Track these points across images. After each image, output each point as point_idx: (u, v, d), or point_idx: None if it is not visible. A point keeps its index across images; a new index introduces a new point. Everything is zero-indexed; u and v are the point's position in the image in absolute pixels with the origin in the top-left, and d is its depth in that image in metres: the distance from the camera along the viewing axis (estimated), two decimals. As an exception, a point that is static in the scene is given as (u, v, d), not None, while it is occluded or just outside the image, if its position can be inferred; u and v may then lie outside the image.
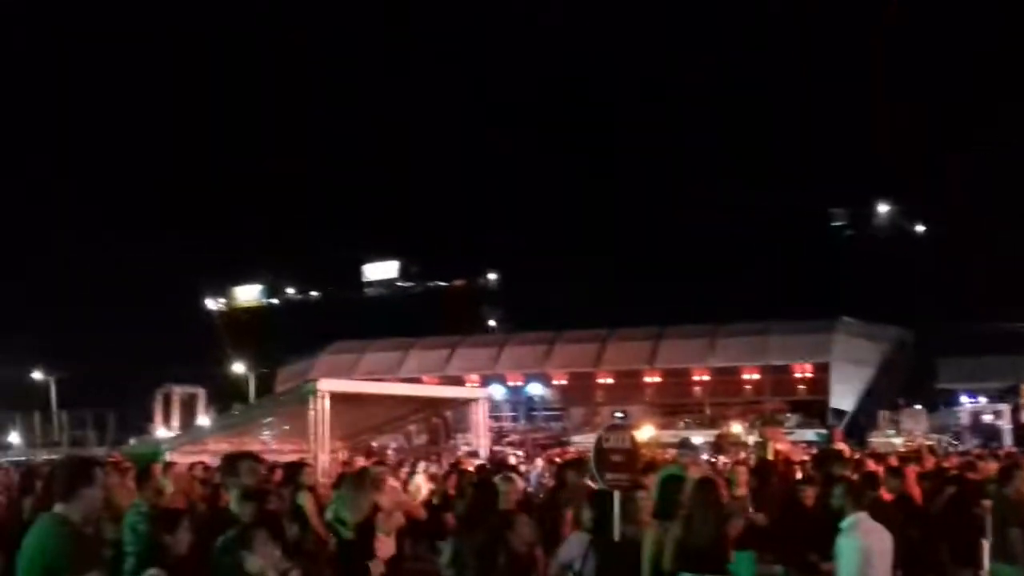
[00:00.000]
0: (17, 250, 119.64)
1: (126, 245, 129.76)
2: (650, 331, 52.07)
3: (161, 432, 52.18)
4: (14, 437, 64.28)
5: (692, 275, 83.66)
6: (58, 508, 4.71)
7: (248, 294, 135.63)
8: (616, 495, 6.14)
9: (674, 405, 49.68)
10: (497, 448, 27.37)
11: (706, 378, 50.53)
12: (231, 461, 7.18)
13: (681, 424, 45.79)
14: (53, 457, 33.67)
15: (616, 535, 6.10)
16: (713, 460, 16.52)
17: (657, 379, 51.31)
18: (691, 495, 6.87)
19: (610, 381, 52.33)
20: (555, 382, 53.76)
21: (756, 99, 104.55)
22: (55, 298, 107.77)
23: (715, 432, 40.35)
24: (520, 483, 11.58)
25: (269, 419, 23.65)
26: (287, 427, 23.09)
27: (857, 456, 16.37)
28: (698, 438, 37.12)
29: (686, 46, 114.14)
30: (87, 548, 4.58)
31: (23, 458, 36.82)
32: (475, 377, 50.34)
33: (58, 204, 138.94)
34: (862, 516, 7.33)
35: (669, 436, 40.82)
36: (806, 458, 16.62)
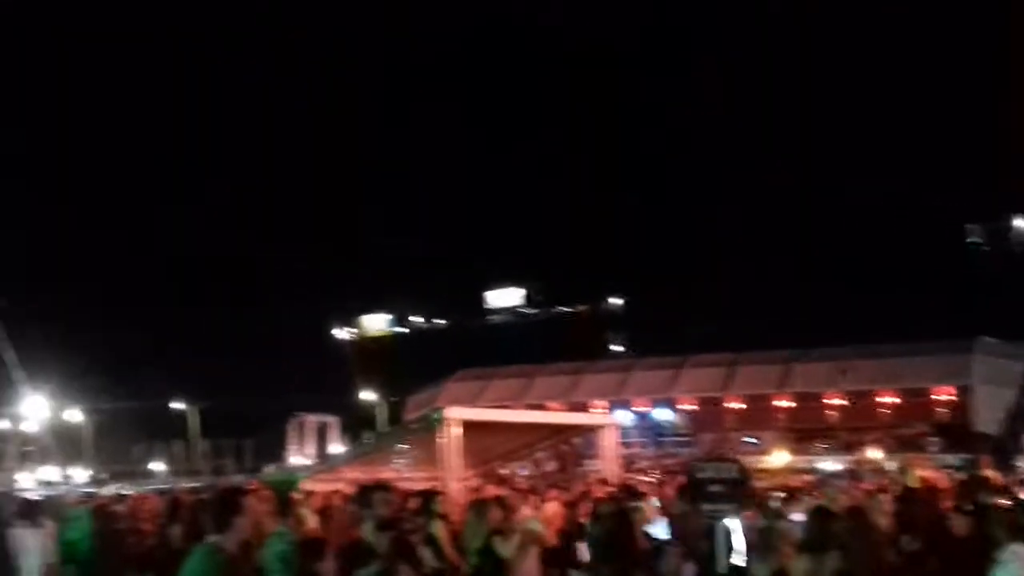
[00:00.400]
0: (161, 288, 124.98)
1: (260, 279, 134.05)
2: (781, 354, 50.81)
3: (296, 459, 53.41)
4: (158, 465, 66.78)
5: (824, 297, 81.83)
6: (212, 538, 4.84)
7: (376, 323, 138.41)
8: (719, 525, 5.96)
9: (807, 430, 48.28)
10: (627, 475, 27.02)
11: (840, 402, 48.98)
12: (366, 492, 7.27)
13: (815, 450, 44.55)
14: (196, 485, 34.78)
15: (723, 566, 5.92)
16: (852, 488, 15.94)
17: (789, 403, 49.97)
18: (845, 526, 6.60)
19: (740, 406, 51.21)
20: (683, 407, 52.92)
21: (882, 115, 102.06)
22: (195, 332, 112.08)
23: (851, 458, 39.24)
24: (652, 511, 11.44)
25: (401, 447, 23.92)
26: (418, 455, 23.32)
27: (1005, 483, 15.65)
28: (834, 465, 36.22)
29: (822, 64, 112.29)
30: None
31: (167, 486, 38.08)
32: (601, 403, 49.95)
33: (197, 238, 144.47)
34: (1019, 548, 6.97)
35: (803, 463, 39.85)
36: (951, 485, 15.93)
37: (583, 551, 11.32)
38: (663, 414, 53.10)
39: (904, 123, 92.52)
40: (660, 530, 10.80)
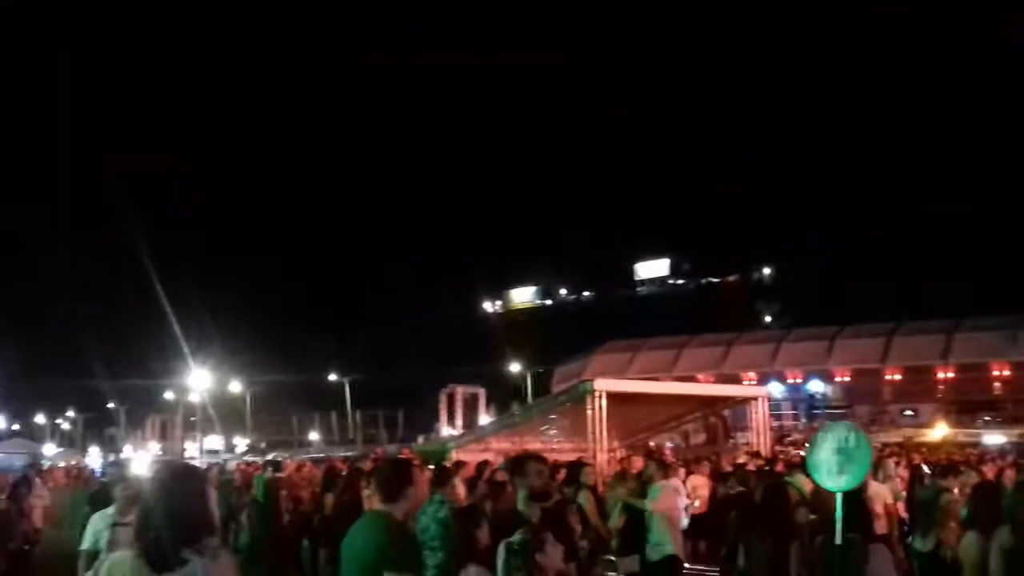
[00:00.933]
0: (315, 266, 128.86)
1: (409, 254, 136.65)
2: (943, 323, 48.70)
3: (446, 430, 54.29)
4: (314, 435, 69.00)
5: (989, 263, 78.06)
6: (382, 507, 4.89)
7: (523, 296, 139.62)
8: (839, 497, 5.64)
9: (970, 402, 46.23)
10: (779, 448, 26.39)
11: (1006, 373, 46.66)
12: (520, 462, 7.21)
13: (979, 423, 42.60)
14: (350, 454, 35.68)
15: (839, 538, 5.61)
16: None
17: (951, 375, 47.90)
18: (1016, 501, 6.16)
19: (898, 377, 49.41)
20: (838, 379, 51.43)
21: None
22: (349, 307, 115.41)
23: (1018, 431, 37.31)
24: (807, 484, 11.04)
25: (549, 418, 23.93)
26: (565, 426, 23.30)
27: None
28: (998, 438, 34.47)
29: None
30: (414, 545, 4.74)
31: (323, 455, 39.26)
32: (752, 375, 49.03)
33: (353, 218, 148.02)
34: None
35: (965, 436, 38.11)
36: None
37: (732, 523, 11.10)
38: (816, 386, 51.83)
39: None
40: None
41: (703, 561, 13.42)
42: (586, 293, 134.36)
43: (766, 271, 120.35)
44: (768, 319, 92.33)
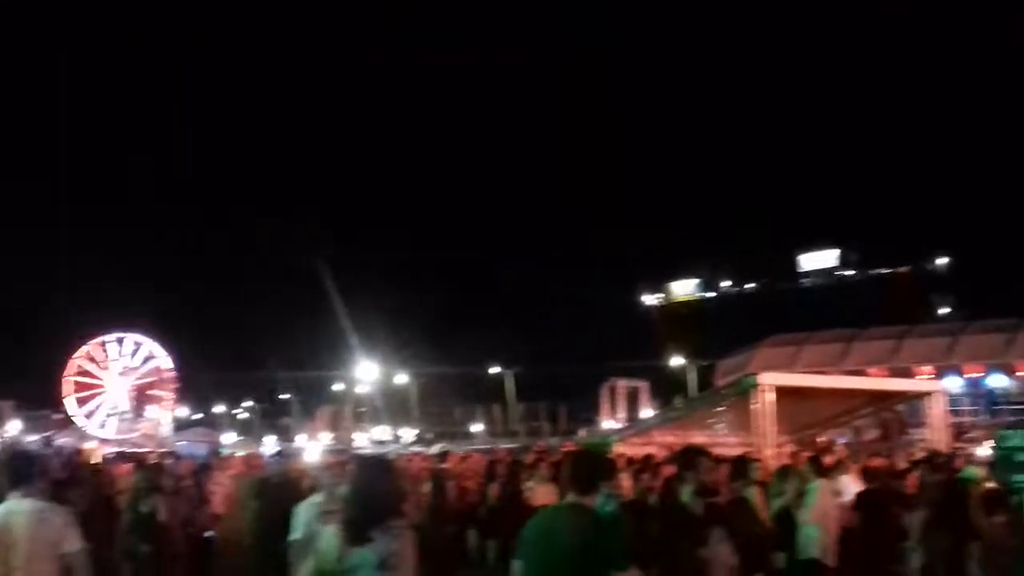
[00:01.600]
0: (478, 261, 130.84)
1: (570, 248, 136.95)
2: None
3: (607, 423, 54.23)
4: (477, 427, 70.05)
5: None
6: (573, 498, 4.88)
7: (685, 289, 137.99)
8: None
9: None
10: (958, 445, 25.20)
11: None
12: (691, 456, 7.09)
13: None
14: (512, 446, 36.01)
15: None
16: None
17: None
18: None
19: (1088, 372, 46.52)
20: (1020, 373, 48.79)
21: None
22: (512, 299, 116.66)
23: None
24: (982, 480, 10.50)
25: (713, 411, 23.56)
26: (730, 420, 22.88)
27: None
28: None
29: None
30: (617, 537, 4.74)
31: (487, 446, 39.78)
32: (927, 369, 47.03)
33: (509, 210, 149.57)
34: None
35: None
36: None
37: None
38: (997, 380, 49.32)
39: None
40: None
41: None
42: (749, 285, 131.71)
43: (940, 261, 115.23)
44: (943, 311, 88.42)
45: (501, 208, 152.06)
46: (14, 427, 51.42)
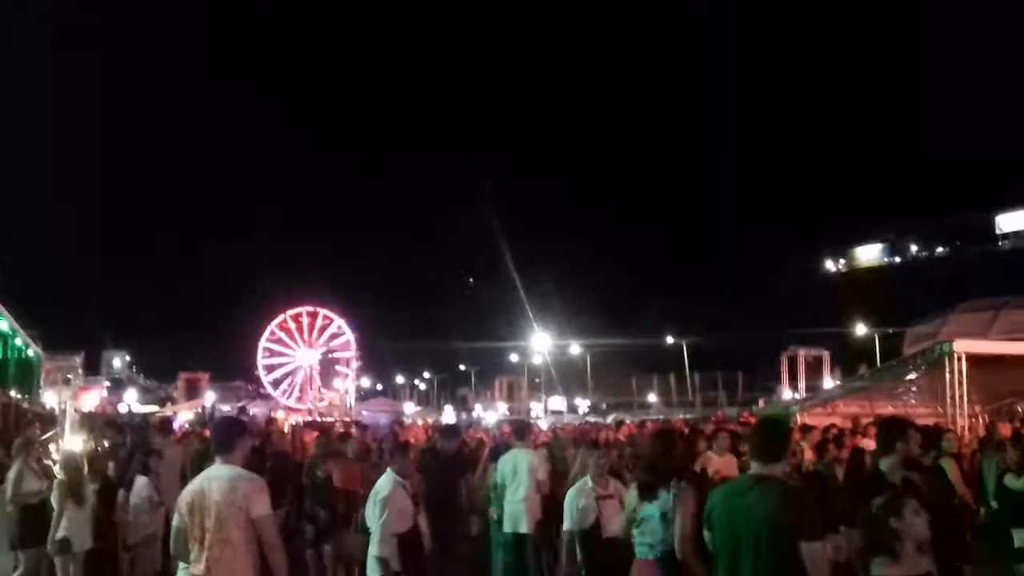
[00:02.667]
0: (658, 233, 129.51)
1: (749, 215, 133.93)
2: None
3: (787, 393, 52.92)
4: (652, 397, 69.63)
5: None
6: (766, 469, 4.83)
7: (869, 254, 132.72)
8: None
9: None
10: None
11: None
12: (900, 426, 6.73)
13: None
14: (688, 416, 35.59)
15: None
16: None
17: None
18: None
19: None
20: None
21: None
22: (686, 269, 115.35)
23: None
24: None
25: (901, 381, 22.63)
26: (919, 390, 21.94)
27: None
28: None
29: None
30: (810, 509, 4.60)
31: (662, 416, 39.51)
32: None
33: (689, 184, 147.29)
34: None
35: None
36: None
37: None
38: None
39: None
40: None
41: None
42: (940, 249, 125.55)
43: None
44: None
45: (679, 177, 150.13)
46: (209, 397, 54.26)
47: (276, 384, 66.24)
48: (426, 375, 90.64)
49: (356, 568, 9.41)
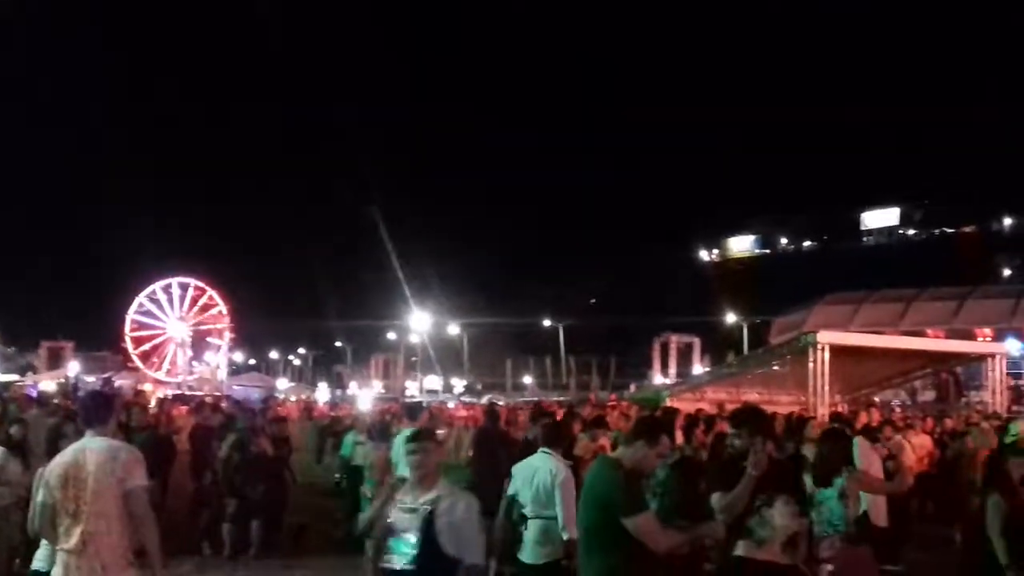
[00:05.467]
0: (537, 216, 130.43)
1: (626, 202, 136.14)
2: None
3: (658, 378, 54.08)
4: (527, 379, 70.26)
5: None
6: (617, 452, 5.09)
7: (741, 245, 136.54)
8: None
9: None
10: (1017, 408, 24.77)
11: None
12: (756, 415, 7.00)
13: None
14: (561, 399, 36.01)
15: None
16: None
17: None
18: None
19: None
20: (1085, 337, 47.72)
21: None
22: (565, 253, 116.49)
23: None
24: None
25: (767, 369, 23.38)
26: (783, 378, 22.70)
27: None
28: None
29: None
30: (637, 491, 4.81)
31: (535, 398, 39.89)
32: (987, 331, 46.18)
33: (561, 166, 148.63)
34: None
35: None
36: None
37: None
38: (1061, 344, 48.40)
39: None
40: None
41: (931, 521, 12.85)
42: (808, 243, 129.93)
43: (1007, 221, 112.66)
44: (1008, 273, 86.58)
45: (559, 162, 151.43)
46: (73, 368, 52.37)
47: (145, 356, 64.36)
48: (301, 351, 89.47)
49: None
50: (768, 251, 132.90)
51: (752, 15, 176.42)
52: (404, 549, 4.61)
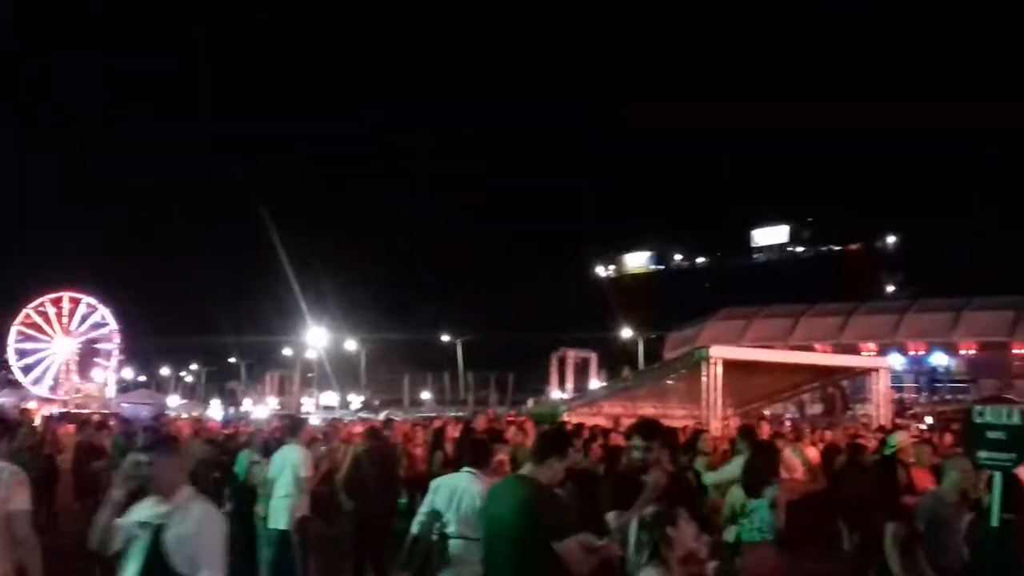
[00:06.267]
0: (436, 231, 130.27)
1: (524, 218, 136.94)
2: (1077, 297, 46.56)
3: (556, 393, 54.42)
4: (426, 395, 70.02)
5: None
6: (527, 470, 4.87)
7: (637, 261, 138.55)
8: (997, 477, 5.33)
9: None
10: (900, 421, 25.64)
11: None
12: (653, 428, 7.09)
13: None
14: (460, 414, 35.96)
15: (995, 520, 5.32)
16: None
17: (1086, 350, 45.85)
18: None
19: (1028, 352, 47.47)
20: (962, 352, 49.68)
21: None
22: (462, 269, 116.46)
23: None
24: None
25: (661, 383, 23.75)
26: (679, 392, 23.09)
27: None
28: None
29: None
30: (561, 512, 4.71)
31: (434, 414, 39.76)
32: (872, 346, 47.78)
33: (468, 184, 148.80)
34: None
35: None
36: None
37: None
38: (939, 359, 50.19)
39: None
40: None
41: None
42: (701, 259, 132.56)
43: (890, 240, 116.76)
44: (891, 289, 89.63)
45: (455, 176, 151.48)
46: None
47: (27, 370, 62.19)
48: (194, 367, 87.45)
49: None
50: (663, 267, 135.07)
51: (651, 34, 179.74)
52: (132, 566, 4.35)
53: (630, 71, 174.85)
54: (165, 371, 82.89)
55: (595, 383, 51.22)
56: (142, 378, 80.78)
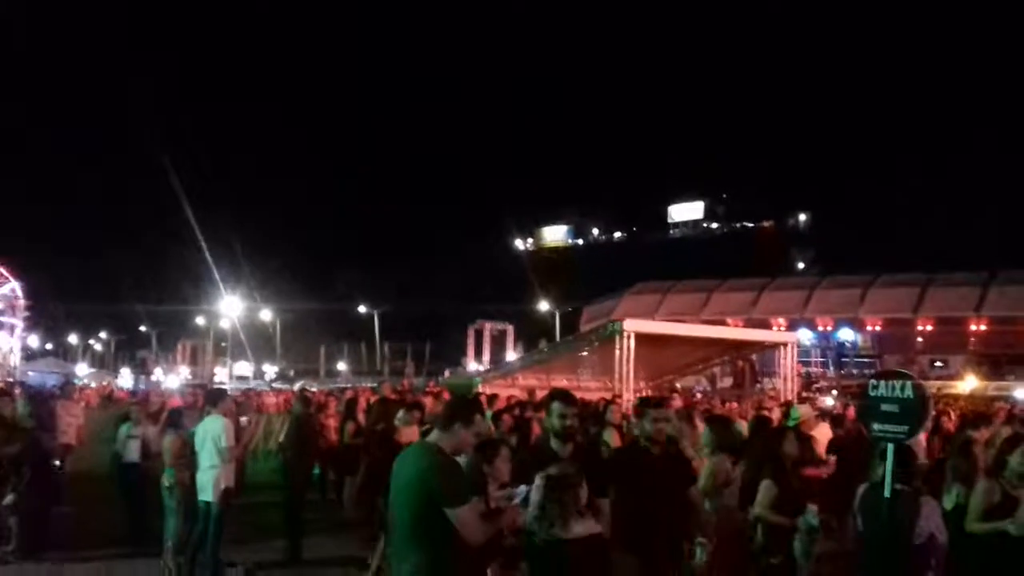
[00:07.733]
0: (353, 201, 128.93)
1: (442, 190, 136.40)
2: (979, 276, 48.06)
3: (472, 365, 54.56)
4: (341, 365, 69.59)
5: (1026, 216, 76.79)
6: (433, 436, 4.84)
7: (555, 235, 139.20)
8: (890, 448, 5.52)
9: (1002, 356, 45.81)
10: (806, 394, 26.28)
11: (1043, 327, 46.02)
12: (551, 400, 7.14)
13: (1010, 376, 42.19)
14: (374, 385, 35.81)
15: (888, 491, 5.51)
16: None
17: (983, 327, 47.44)
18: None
19: (930, 328, 48.99)
20: (869, 328, 51.08)
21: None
22: (379, 240, 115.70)
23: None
24: (828, 430, 10.93)
25: (577, 355, 23.93)
26: (593, 365, 23.29)
27: None
28: (1027, 392, 33.93)
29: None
30: (460, 479, 4.68)
31: (349, 385, 39.55)
32: (782, 321, 48.83)
33: (386, 150, 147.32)
34: None
35: (995, 389, 37.69)
36: None
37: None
38: (847, 334, 51.50)
39: None
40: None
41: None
42: (618, 234, 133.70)
43: (802, 217, 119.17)
44: (802, 266, 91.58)
45: (375, 146, 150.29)
46: None
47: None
48: (103, 335, 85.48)
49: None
50: (580, 241, 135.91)
51: (573, 11, 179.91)
52: None
53: (549, 51, 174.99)
54: (73, 339, 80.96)
55: (511, 355, 51.46)
56: (49, 346, 78.82)
